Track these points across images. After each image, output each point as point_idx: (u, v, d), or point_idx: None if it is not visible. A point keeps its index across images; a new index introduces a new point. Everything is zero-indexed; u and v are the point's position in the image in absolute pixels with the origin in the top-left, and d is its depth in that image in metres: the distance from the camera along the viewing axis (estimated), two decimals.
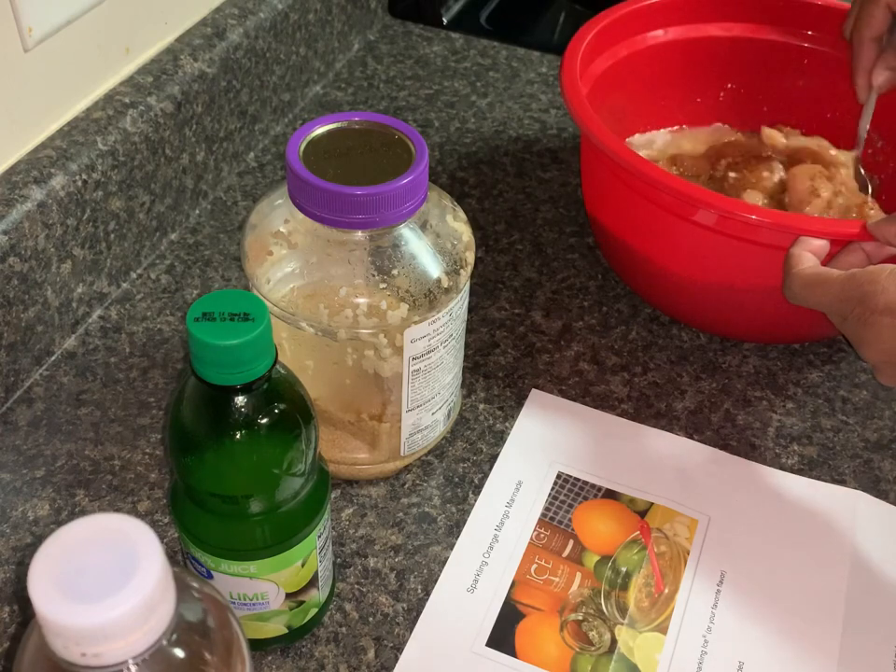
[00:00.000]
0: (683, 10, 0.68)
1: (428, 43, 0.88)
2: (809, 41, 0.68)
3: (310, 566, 0.43)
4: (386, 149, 0.45)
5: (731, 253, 0.54)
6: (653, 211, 0.55)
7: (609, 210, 0.60)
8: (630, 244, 0.59)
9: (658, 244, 0.57)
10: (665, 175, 0.52)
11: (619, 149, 0.54)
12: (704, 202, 0.52)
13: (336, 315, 0.45)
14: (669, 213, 0.54)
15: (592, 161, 0.61)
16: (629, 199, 0.57)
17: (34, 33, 0.55)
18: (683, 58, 0.69)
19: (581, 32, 0.63)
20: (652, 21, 0.67)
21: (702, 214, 0.53)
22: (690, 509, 0.53)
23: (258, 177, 0.73)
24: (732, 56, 0.69)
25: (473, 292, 0.64)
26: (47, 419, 0.56)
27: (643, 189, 0.55)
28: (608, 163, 0.57)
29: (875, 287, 0.46)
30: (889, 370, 0.48)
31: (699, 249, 0.55)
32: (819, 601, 0.49)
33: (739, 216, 0.51)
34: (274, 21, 0.73)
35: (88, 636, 0.25)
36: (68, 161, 0.56)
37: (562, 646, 0.47)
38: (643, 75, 0.68)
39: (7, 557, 0.49)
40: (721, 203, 0.51)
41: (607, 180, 0.59)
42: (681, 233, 0.55)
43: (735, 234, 0.53)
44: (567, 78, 0.59)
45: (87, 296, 0.61)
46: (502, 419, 0.57)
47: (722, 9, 0.68)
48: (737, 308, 0.58)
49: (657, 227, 0.56)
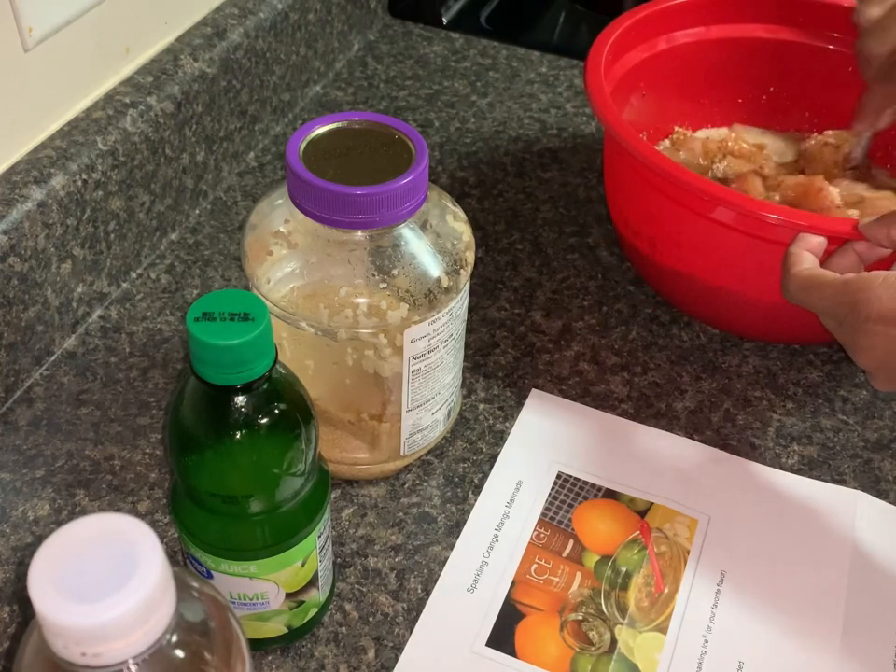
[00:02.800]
0: (719, 9, 0.68)
1: (428, 43, 0.88)
2: (837, 43, 0.68)
3: (310, 566, 0.43)
4: (386, 149, 0.45)
5: (747, 251, 0.54)
6: (673, 208, 0.55)
7: (626, 203, 0.61)
8: (660, 251, 0.59)
9: (684, 244, 0.58)
10: (681, 170, 0.53)
11: (636, 144, 0.54)
12: (721, 199, 0.52)
13: (336, 314, 0.45)
14: (687, 209, 0.54)
15: (614, 159, 0.62)
16: (649, 196, 0.57)
17: (34, 33, 0.55)
18: (723, 57, 0.69)
19: (607, 30, 0.63)
20: (683, 20, 0.67)
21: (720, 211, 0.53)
22: (690, 509, 0.53)
23: (258, 177, 0.73)
24: (775, 58, 0.69)
25: (473, 292, 0.64)
26: (47, 419, 0.56)
27: (663, 186, 0.55)
28: (629, 159, 0.57)
29: (868, 294, 0.46)
30: (883, 375, 0.48)
31: (718, 247, 0.56)
32: (818, 601, 0.49)
33: (758, 213, 0.51)
34: (274, 21, 0.73)
35: (88, 636, 0.25)
36: (68, 161, 0.56)
37: (562, 646, 0.47)
38: (675, 73, 0.68)
39: (7, 557, 0.49)
40: (740, 200, 0.51)
41: (629, 176, 0.59)
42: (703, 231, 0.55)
43: (754, 233, 0.53)
44: (593, 78, 0.59)
45: (87, 296, 0.61)
46: (502, 419, 0.57)
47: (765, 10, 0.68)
48: (747, 305, 0.58)
49: (682, 227, 0.57)
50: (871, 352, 0.47)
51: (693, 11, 0.67)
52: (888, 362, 0.47)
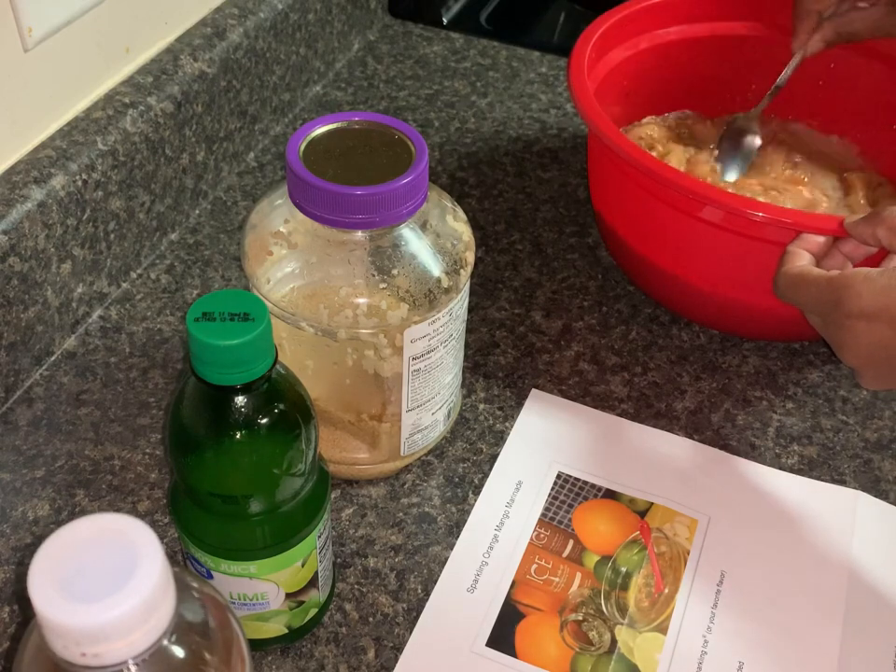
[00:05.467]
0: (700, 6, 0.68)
1: (428, 43, 0.88)
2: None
3: (310, 566, 0.43)
4: (386, 149, 0.45)
5: (737, 250, 0.54)
6: (659, 207, 0.55)
7: (614, 206, 0.61)
8: (635, 241, 0.59)
9: (663, 241, 0.57)
10: (672, 171, 0.53)
11: (624, 144, 0.54)
12: (710, 198, 0.52)
13: (336, 315, 0.45)
14: (675, 208, 0.54)
15: (598, 157, 0.62)
16: (635, 195, 0.57)
17: (34, 33, 0.54)
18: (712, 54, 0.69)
19: (593, 25, 0.63)
20: (665, 18, 0.67)
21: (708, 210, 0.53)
22: (690, 509, 0.53)
23: (258, 177, 0.73)
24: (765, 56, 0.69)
25: (473, 292, 0.64)
26: (47, 419, 0.56)
27: (651, 187, 0.55)
28: (614, 159, 0.57)
29: (849, 291, 0.46)
30: (868, 373, 0.48)
31: (705, 246, 0.56)
32: (818, 601, 0.49)
33: (746, 211, 0.51)
34: (274, 21, 0.73)
35: (88, 636, 0.25)
36: (68, 161, 0.56)
37: (562, 646, 0.47)
38: (654, 70, 0.68)
39: (7, 557, 0.49)
40: (727, 199, 0.52)
41: (613, 176, 0.59)
42: (686, 229, 0.55)
43: (741, 231, 0.53)
44: (575, 74, 0.59)
45: (87, 296, 0.61)
46: (502, 419, 0.57)
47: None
48: (741, 306, 0.58)
49: (664, 224, 0.57)
50: (854, 349, 0.47)
51: (674, 9, 0.68)
52: (872, 359, 0.47)
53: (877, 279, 0.45)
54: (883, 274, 0.45)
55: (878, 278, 0.45)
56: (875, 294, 0.45)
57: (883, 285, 0.45)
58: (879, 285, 0.45)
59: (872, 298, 0.45)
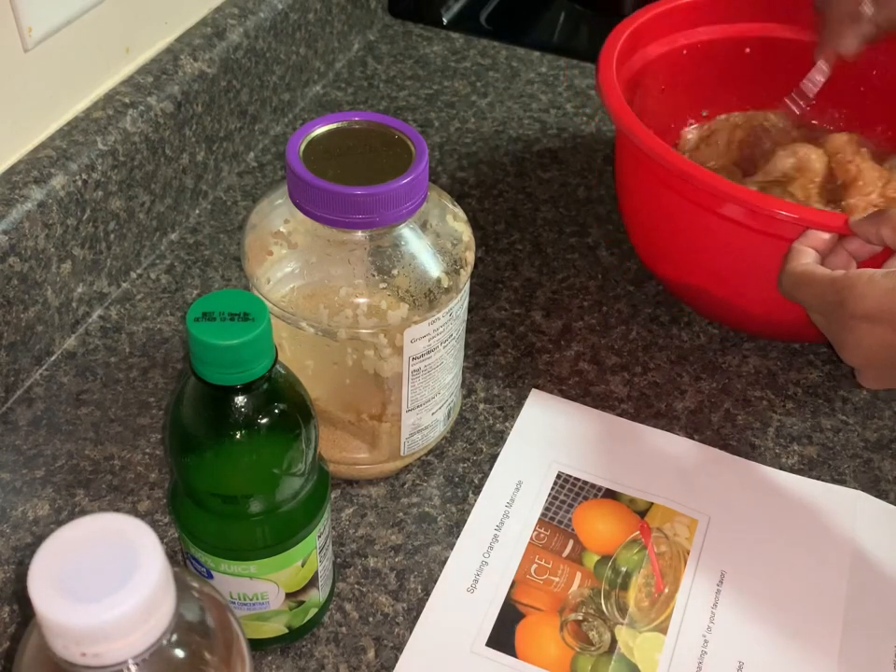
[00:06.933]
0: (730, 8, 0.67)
1: (428, 43, 0.88)
2: None
3: (310, 566, 0.43)
4: (386, 149, 0.45)
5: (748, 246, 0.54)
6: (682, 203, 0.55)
7: (637, 198, 0.61)
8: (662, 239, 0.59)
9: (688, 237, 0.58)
10: (693, 167, 0.52)
11: (647, 139, 0.54)
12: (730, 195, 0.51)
13: (336, 314, 0.45)
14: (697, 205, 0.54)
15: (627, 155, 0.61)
16: (659, 191, 0.57)
17: (34, 33, 0.54)
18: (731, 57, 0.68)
19: (619, 27, 0.63)
20: (694, 18, 0.67)
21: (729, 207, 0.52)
22: (690, 509, 0.53)
23: (258, 177, 0.73)
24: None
25: (473, 292, 0.64)
26: (47, 419, 0.56)
27: (674, 183, 0.55)
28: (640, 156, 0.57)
29: (853, 292, 0.46)
30: (870, 373, 0.48)
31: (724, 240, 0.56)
32: (818, 601, 0.49)
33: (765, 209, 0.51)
34: (274, 21, 0.73)
35: (88, 636, 0.25)
36: (68, 161, 0.56)
37: (562, 646, 0.47)
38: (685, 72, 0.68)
39: (7, 557, 0.49)
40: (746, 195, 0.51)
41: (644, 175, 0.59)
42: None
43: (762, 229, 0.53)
44: (604, 77, 0.58)
45: (87, 296, 0.61)
46: (502, 419, 0.57)
47: None
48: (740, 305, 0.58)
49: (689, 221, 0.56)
50: (856, 349, 0.47)
51: (703, 10, 0.67)
52: (873, 359, 0.47)
53: (881, 281, 0.45)
54: (887, 276, 0.45)
55: (882, 280, 0.45)
56: (879, 296, 0.45)
57: (887, 287, 0.45)
58: (883, 287, 0.45)
59: (875, 299, 0.45)
